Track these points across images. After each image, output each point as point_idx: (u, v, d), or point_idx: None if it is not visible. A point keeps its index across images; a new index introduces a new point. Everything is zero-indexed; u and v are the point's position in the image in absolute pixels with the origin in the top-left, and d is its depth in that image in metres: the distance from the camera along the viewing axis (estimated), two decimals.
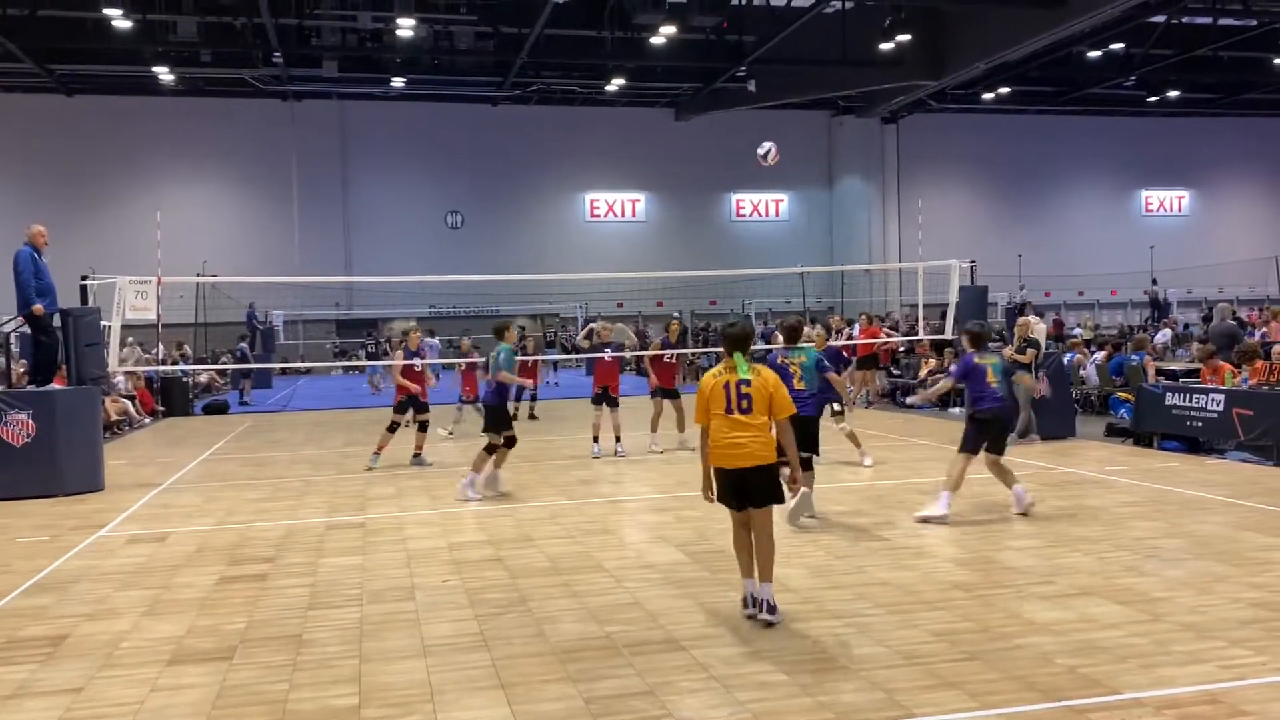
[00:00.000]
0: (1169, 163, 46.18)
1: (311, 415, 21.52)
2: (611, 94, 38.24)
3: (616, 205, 43.79)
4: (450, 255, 38.99)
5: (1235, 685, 4.64)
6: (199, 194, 38.93)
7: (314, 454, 14.60)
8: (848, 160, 44.20)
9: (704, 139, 41.93)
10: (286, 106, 39.23)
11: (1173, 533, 7.86)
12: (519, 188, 41.79)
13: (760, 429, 5.78)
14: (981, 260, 15.34)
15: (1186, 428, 12.24)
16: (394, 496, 10.65)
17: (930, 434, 14.77)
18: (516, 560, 7.50)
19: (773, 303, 36.41)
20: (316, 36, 31.88)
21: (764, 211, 45.12)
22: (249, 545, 8.32)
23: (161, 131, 38.17)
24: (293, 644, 5.62)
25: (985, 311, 15.04)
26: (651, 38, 30.62)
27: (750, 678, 4.89)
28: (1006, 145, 44.44)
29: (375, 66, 35.07)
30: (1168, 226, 46.75)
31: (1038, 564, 6.96)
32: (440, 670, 5.12)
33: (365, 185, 40.92)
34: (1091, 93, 40.30)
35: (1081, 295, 42.39)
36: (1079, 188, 45.86)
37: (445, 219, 41.89)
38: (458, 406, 16.56)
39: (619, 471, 12.09)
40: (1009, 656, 5.11)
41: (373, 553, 7.91)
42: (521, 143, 41.21)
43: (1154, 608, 5.86)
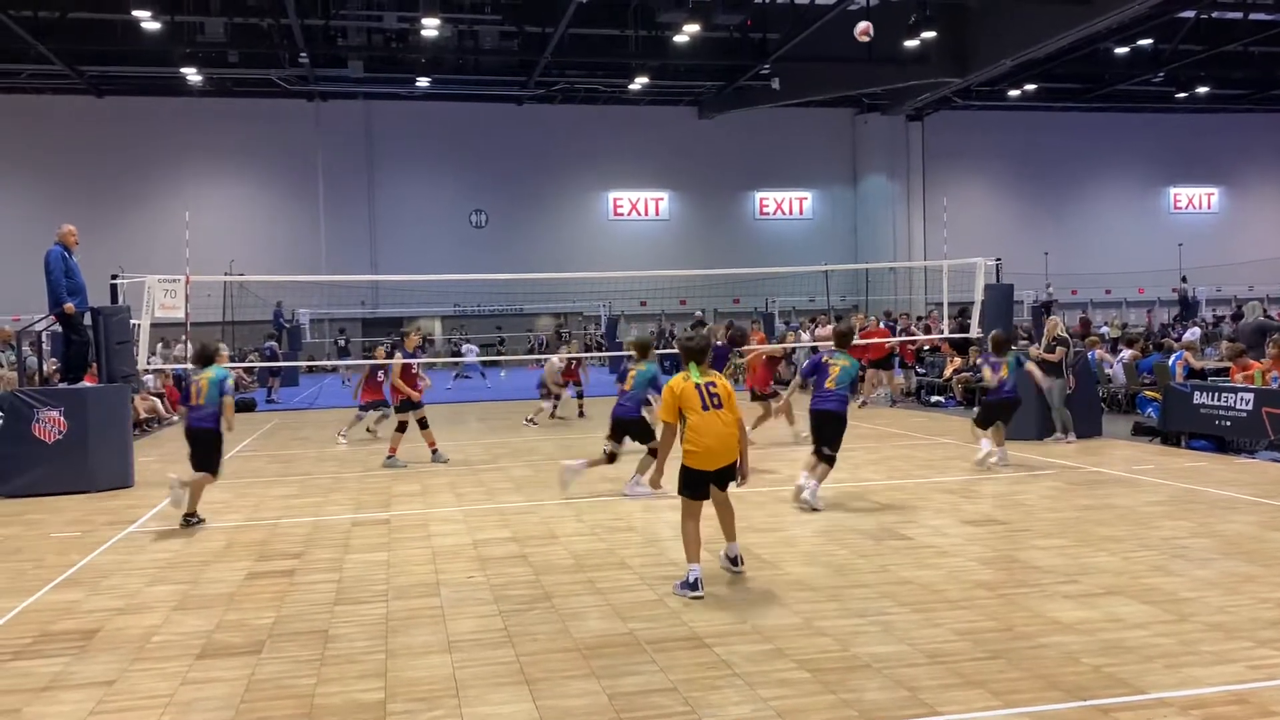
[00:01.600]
0: (1197, 159, 45.69)
1: (338, 413, 21.64)
2: (635, 93, 38.27)
3: (640, 204, 43.81)
4: (474, 254, 39.14)
5: (1263, 685, 4.61)
6: (226, 194, 39.28)
7: (340, 451, 14.71)
8: (872, 158, 44.01)
9: (728, 137, 41.88)
10: (312, 107, 39.51)
11: (1200, 532, 7.80)
12: (543, 187, 41.89)
13: (734, 423, 6.49)
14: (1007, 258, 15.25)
15: (1215, 427, 12.14)
16: (419, 494, 10.72)
17: (954, 433, 14.70)
18: (540, 557, 7.54)
19: (796, 300, 36.31)
20: (342, 37, 32.10)
21: (788, 210, 45.01)
22: (277, 541, 8.41)
23: (189, 132, 38.54)
24: (320, 639, 5.68)
25: (1011, 310, 14.93)
26: (675, 36, 30.62)
27: (773, 675, 4.90)
28: (1032, 142, 44.12)
29: (400, 66, 35.28)
30: (1196, 224, 46.26)
31: (1063, 563, 6.93)
32: (465, 665, 5.16)
33: (390, 185, 41.15)
34: (1119, 89, 39.93)
35: (1109, 294, 42.03)
36: (1106, 185, 45.46)
37: (469, 218, 42.06)
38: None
39: None
40: (1033, 655, 5.09)
41: (398, 549, 7.97)
42: (545, 142, 41.32)
43: (1181, 608, 5.83)
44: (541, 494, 10.42)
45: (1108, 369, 17.38)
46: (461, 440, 15.69)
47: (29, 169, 37.68)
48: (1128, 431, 14.02)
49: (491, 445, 14.92)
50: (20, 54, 30.73)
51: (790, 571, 6.91)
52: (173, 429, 19.05)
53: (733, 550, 6.88)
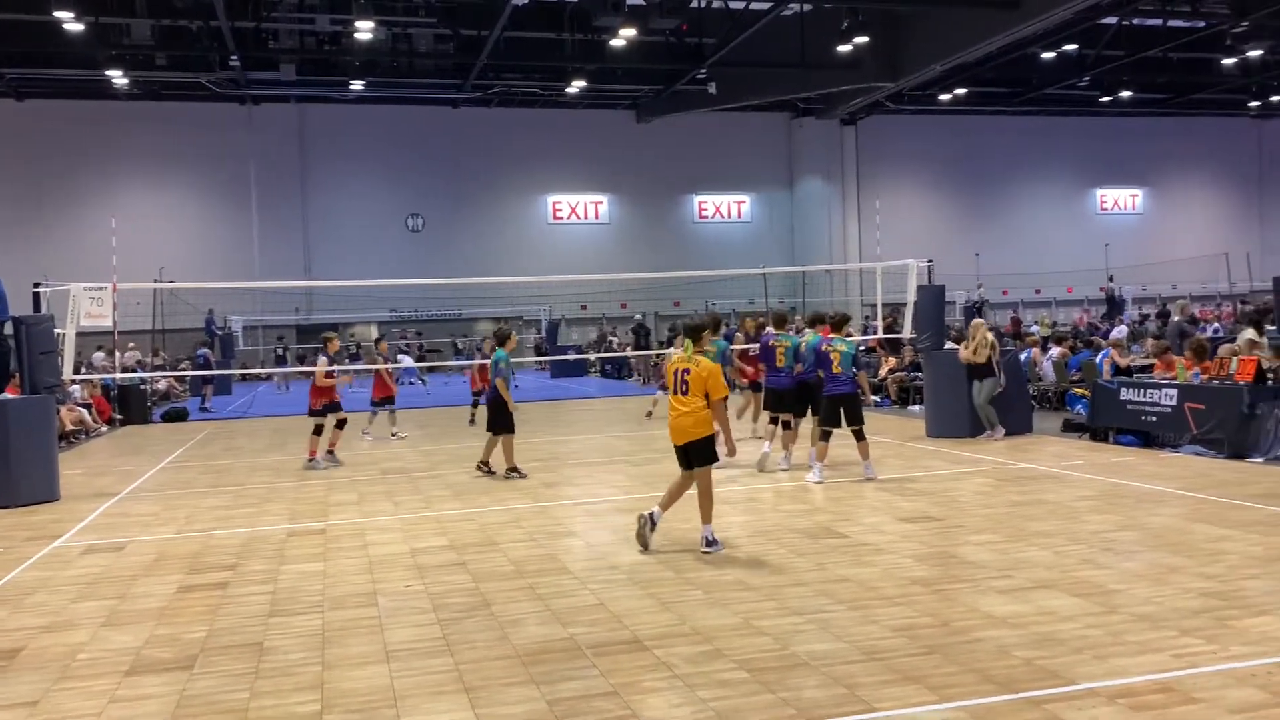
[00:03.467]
0: (1122, 162, 46.91)
1: (273, 421, 21.32)
2: (572, 96, 38.21)
3: (579, 207, 43.75)
4: (411, 259, 38.78)
5: (1187, 674, 4.74)
6: (155, 199, 38.42)
7: (275, 460, 14.47)
8: (808, 161, 44.48)
9: (666, 141, 42.03)
10: (244, 110, 38.83)
11: (1127, 525, 8.00)
12: (480, 190, 41.63)
13: (695, 409, 7.35)
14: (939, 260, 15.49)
15: (1141, 422, 12.46)
16: (355, 503, 10.58)
17: (889, 431, 14.90)
18: (479, 564, 7.49)
19: (736, 303, 36.55)
20: (274, 39, 31.57)
21: (726, 213, 45.30)
22: (209, 553, 8.24)
23: (116, 136, 37.62)
24: (254, 652, 5.58)
25: (943, 310, 15.18)
26: (611, 40, 30.63)
27: (713, 676, 4.93)
28: (963, 145, 44.93)
29: (334, 69, 34.78)
30: (1122, 224, 47.48)
31: (996, 559, 7.06)
32: (403, 675, 5.11)
33: (325, 189, 40.58)
34: (1046, 93, 40.84)
35: (1039, 293, 42.94)
36: (1035, 187, 46.45)
37: (406, 222, 41.64)
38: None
39: (584, 474, 12.08)
40: (968, 650, 5.18)
41: (334, 559, 7.86)
42: (482, 145, 41.07)
43: (1109, 599, 5.97)
44: (480, 501, 10.35)
45: (1038, 368, 17.75)
46: (399, 447, 15.53)
47: None
48: (1058, 428, 14.33)
49: (430, 452, 14.79)
50: None
51: (729, 571, 6.95)
52: (101, 440, 18.60)
53: (704, 532, 7.49)
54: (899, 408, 18.62)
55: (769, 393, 11.97)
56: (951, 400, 13.87)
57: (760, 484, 10.80)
